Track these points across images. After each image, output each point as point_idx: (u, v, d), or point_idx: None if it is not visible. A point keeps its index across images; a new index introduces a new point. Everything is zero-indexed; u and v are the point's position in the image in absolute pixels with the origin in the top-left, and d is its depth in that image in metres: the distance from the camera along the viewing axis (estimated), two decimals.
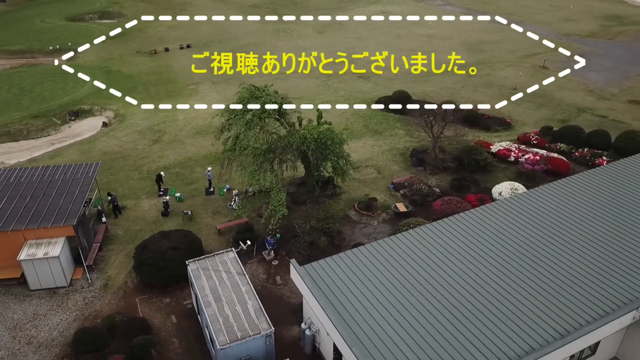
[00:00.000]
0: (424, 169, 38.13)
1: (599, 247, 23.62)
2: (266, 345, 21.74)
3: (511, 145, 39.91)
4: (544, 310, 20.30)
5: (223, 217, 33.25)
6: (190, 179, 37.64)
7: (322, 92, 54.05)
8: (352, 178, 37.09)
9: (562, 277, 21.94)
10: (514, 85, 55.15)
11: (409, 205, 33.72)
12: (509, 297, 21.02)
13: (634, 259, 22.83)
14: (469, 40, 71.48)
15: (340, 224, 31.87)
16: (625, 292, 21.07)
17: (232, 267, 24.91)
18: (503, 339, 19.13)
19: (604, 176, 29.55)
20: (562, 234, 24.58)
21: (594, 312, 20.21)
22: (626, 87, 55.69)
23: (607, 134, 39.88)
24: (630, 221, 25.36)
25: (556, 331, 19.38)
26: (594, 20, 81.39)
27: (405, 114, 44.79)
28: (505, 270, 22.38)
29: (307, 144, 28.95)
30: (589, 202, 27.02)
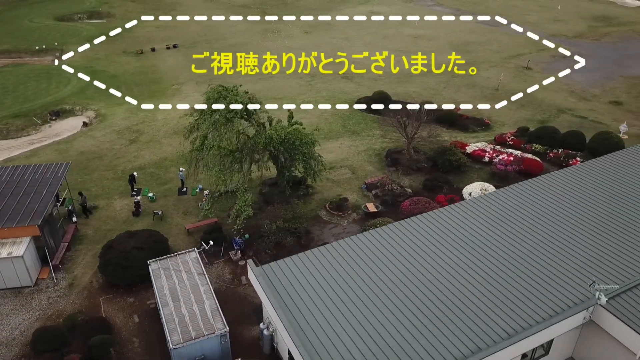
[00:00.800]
0: (398, 170, 38.18)
1: (556, 247, 23.68)
2: (221, 345, 21.83)
3: (486, 146, 40.00)
4: (495, 310, 20.35)
5: (194, 217, 33.32)
6: (164, 179, 37.73)
7: (304, 93, 54.13)
8: (326, 178, 37.28)
9: (516, 277, 22.00)
10: (496, 86, 55.26)
11: (379, 205, 33.81)
12: (462, 296, 21.09)
13: (587, 260, 22.91)
14: (455, 41, 71.57)
15: (309, 224, 32.01)
16: (577, 292, 21.13)
17: (193, 267, 25.01)
18: (451, 338, 19.18)
19: (570, 177, 29.62)
20: (521, 234, 24.65)
21: (544, 312, 20.27)
22: (608, 88, 55.80)
23: (581, 134, 39.98)
24: (590, 222, 25.43)
25: (504, 331, 19.42)
26: (582, 21, 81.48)
27: (381, 115, 44.80)
28: (461, 270, 22.46)
29: (273, 144, 29.00)
30: (552, 203, 27.09)
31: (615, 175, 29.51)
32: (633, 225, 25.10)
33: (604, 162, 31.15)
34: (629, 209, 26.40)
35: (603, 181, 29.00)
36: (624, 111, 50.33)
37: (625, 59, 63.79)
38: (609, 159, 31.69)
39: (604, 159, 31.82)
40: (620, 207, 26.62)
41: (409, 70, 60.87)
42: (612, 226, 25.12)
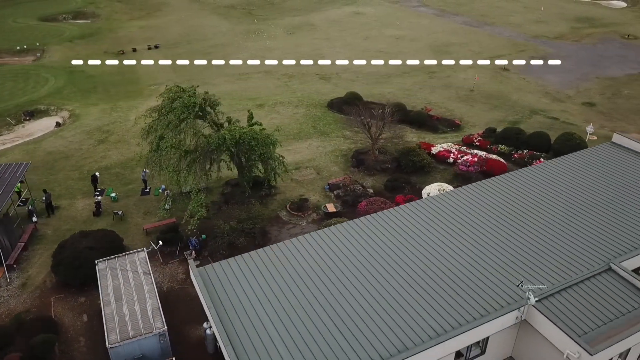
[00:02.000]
0: (360, 170, 38.36)
1: (496, 247, 23.91)
2: (160, 344, 21.98)
3: (452, 147, 40.17)
4: (427, 309, 20.59)
5: (155, 217, 33.46)
6: (129, 179, 37.88)
7: (280, 93, 54.26)
8: (290, 179, 37.53)
9: (453, 276, 22.23)
10: (471, 87, 55.44)
11: (338, 205, 33.97)
12: (397, 295, 21.31)
13: (525, 261, 23.14)
14: (436, 42, 71.77)
15: (268, 225, 32.19)
16: (512, 292, 21.32)
17: (140, 267, 25.16)
18: (380, 337, 19.41)
19: (522, 178, 29.84)
20: (463, 234, 24.87)
21: (476, 311, 20.48)
22: (583, 89, 55.99)
23: (547, 135, 40.15)
24: (532, 224, 25.64)
25: (434, 330, 19.65)
26: (565, 22, 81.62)
27: (347, 115, 44.96)
28: (399, 269, 22.67)
29: (226, 144, 29.14)
30: (499, 204, 27.30)
31: (565, 177, 29.72)
32: (573, 228, 25.31)
33: (557, 164, 31.36)
34: (573, 211, 26.62)
35: (553, 183, 29.22)
36: (596, 112, 50.54)
37: (603, 60, 63.98)
38: (563, 160, 31.90)
39: (559, 160, 32.05)
40: (565, 209, 26.84)
41: (387, 71, 62.02)
42: (553, 228, 25.34)
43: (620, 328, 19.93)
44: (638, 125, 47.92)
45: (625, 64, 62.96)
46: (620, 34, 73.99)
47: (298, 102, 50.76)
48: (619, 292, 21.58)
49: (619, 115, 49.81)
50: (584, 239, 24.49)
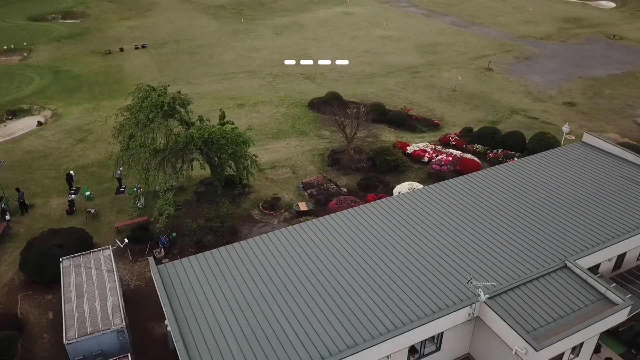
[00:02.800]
0: (337, 169, 38.60)
1: (453, 246, 24.12)
2: (119, 340, 22.20)
3: (427, 147, 40.41)
4: (380, 305, 20.80)
5: (128, 215, 33.68)
6: (105, 178, 38.09)
7: (262, 93, 54.46)
8: (265, 178, 37.80)
9: (409, 273, 22.44)
10: (454, 87, 55.68)
11: (310, 204, 34.20)
12: (352, 292, 21.50)
13: (480, 258, 23.36)
14: (423, 42, 72.00)
15: (240, 223, 32.48)
16: (466, 289, 21.52)
17: (104, 265, 25.38)
18: (331, 333, 19.60)
19: (488, 177, 30.06)
20: (424, 231, 25.09)
21: (428, 307, 20.68)
22: (565, 89, 56.22)
23: (522, 135, 40.41)
24: (491, 222, 25.86)
25: (384, 326, 19.85)
26: (552, 22, 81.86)
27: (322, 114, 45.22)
28: (357, 266, 22.89)
29: (194, 143, 29.36)
30: (463, 202, 27.52)
31: (531, 176, 29.94)
32: (533, 226, 25.53)
33: (525, 163, 31.58)
34: (535, 209, 26.85)
35: (519, 182, 29.42)
36: (577, 112, 50.79)
37: (588, 61, 64.21)
38: (532, 159, 32.13)
39: (528, 159, 32.28)
40: (527, 207, 27.06)
41: (372, 71, 62.26)
42: (514, 226, 25.55)
43: (571, 324, 20.14)
44: (617, 125, 48.19)
45: (609, 64, 63.21)
46: (607, 35, 74.22)
47: (279, 102, 50.98)
48: (572, 289, 21.79)
49: (599, 115, 50.05)
50: (543, 236, 24.71)
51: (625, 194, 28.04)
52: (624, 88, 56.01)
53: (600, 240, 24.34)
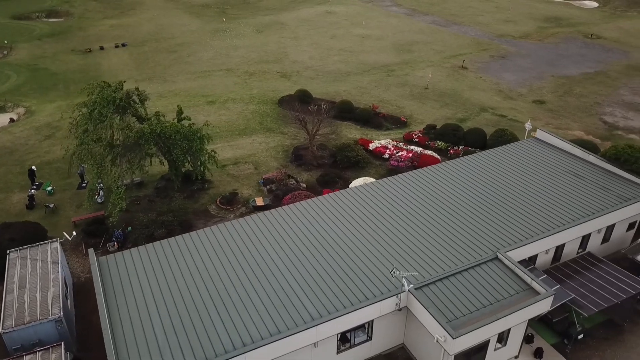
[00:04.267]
0: (299, 165, 39.07)
1: (389, 238, 24.65)
2: (58, 330, 22.62)
3: (389, 143, 40.90)
4: (309, 295, 21.33)
5: (86, 210, 34.12)
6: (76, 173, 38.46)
7: (235, 90, 54.88)
8: (227, 173, 38.25)
9: (343, 264, 22.99)
10: (426, 85, 56.16)
11: (267, 199, 34.67)
12: (283, 282, 22.13)
13: (415, 250, 23.90)
14: (401, 41, 72.47)
15: (194, 218, 32.87)
16: (394, 279, 22.01)
17: (50, 257, 25.81)
18: (257, 322, 20.13)
19: (438, 172, 30.59)
20: (364, 223, 25.62)
21: (355, 297, 21.19)
22: (536, 87, 56.74)
23: (483, 132, 40.91)
24: (430, 216, 26.41)
25: (309, 314, 20.37)
26: (533, 21, 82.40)
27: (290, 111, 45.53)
28: (293, 257, 23.50)
29: (145, 138, 29.80)
30: (406, 195, 28.06)
31: (480, 171, 30.47)
32: (471, 219, 26.09)
33: (476, 158, 32.13)
34: (476, 203, 27.40)
35: (466, 176, 29.96)
36: (545, 110, 51.31)
37: (561, 59, 64.74)
38: (484, 154, 32.68)
39: (479, 154, 32.83)
40: (468, 200, 27.61)
41: (348, 69, 62.73)
42: (453, 219, 26.11)
43: (494, 313, 20.62)
44: (583, 122, 48.72)
45: (583, 63, 63.76)
46: (584, 34, 74.77)
47: (250, 99, 51.43)
48: (500, 280, 22.30)
49: (566, 113, 50.58)
50: (480, 229, 25.26)
51: (568, 188, 28.58)
52: (594, 87, 56.55)
53: (535, 233, 24.85)
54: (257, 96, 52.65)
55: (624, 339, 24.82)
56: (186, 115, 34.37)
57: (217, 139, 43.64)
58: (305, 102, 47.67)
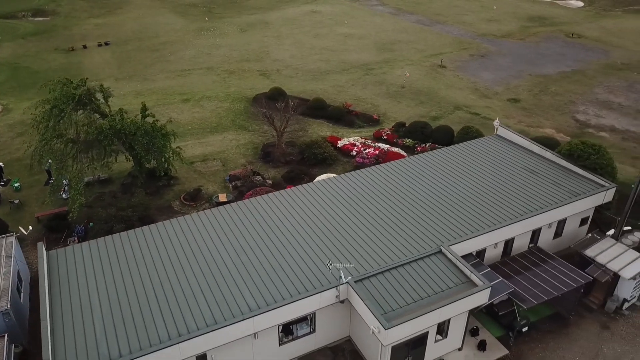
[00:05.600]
0: (267, 162, 39.40)
1: (335, 231, 24.97)
2: (6, 322, 22.93)
3: (357, 141, 41.23)
4: (250, 286, 21.66)
5: (52, 206, 34.42)
6: (38, 169, 38.69)
7: (213, 88, 55.16)
8: (194, 170, 38.57)
9: (288, 257, 23.30)
10: (403, 84, 56.48)
11: (230, 195, 34.98)
12: (227, 274, 22.36)
13: (359, 242, 24.27)
14: (383, 40, 72.77)
15: (157, 214, 33.18)
16: (329, 273, 22.32)
17: (4, 251, 26.12)
18: (194, 312, 20.43)
19: (398, 167, 30.93)
20: (316, 218, 25.96)
21: (295, 290, 21.49)
22: (512, 85, 57.06)
23: (450, 129, 41.23)
24: (384, 209, 26.76)
25: (248, 306, 20.67)
26: (516, 21, 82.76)
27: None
28: (241, 251, 23.78)
29: (104, 134, 30.10)
30: (359, 191, 28.38)
31: (437, 167, 30.79)
32: (420, 213, 26.41)
33: (436, 155, 32.44)
34: (427, 198, 27.70)
35: (423, 172, 30.26)
36: (519, 108, 51.64)
37: (541, 58, 65.07)
38: (444, 151, 32.99)
39: (440, 151, 33.13)
40: (421, 196, 27.91)
41: (327, 68, 63.06)
42: (401, 214, 26.42)
43: (432, 305, 20.91)
44: (555, 120, 49.05)
45: (561, 62, 64.08)
46: (566, 33, 75.11)
47: (225, 97, 51.74)
48: (441, 273, 22.61)
49: (540, 111, 50.91)
50: (428, 223, 25.59)
51: (522, 184, 28.88)
52: (570, 85, 56.88)
53: (481, 227, 25.16)
54: (233, 94, 52.96)
55: (568, 331, 25.18)
56: (150, 112, 34.65)
57: (188, 136, 44.12)
58: (276, 101, 47.98)
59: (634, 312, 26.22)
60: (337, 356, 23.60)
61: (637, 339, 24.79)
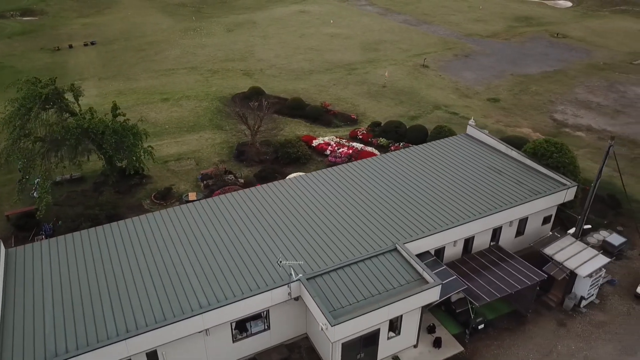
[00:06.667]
0: (242, 161, 39.60)
1: (291, 230, 25.15)
2: None
3: (332, 140, 41.42)
4: (203, 283, 21.83)
5: (23, 205, 34.57)
6: (11, 169, 38.85)
7: (194, 88, 55.34)
8: (167, 169, 38.76)
9: (244, 254, 23.47)
10: (384, 83, 56.68)
11: (200, 194, 35.15)
12: (181, 271, 22.55)
13: (317, 240, 24.43)
14: (368, 40, 72.94)
15: (127, 212, 33.32)
16: (283, 271, 22.49)
17: None
18: (145, 308, 20.56)
19: (366, 166, 31.10)
20: (276, 216, 26.17)
21: (247, 286, 21.67)
22: (493, 85, 57.24)
23: (424, 129, 41.43)
24: (346, 207, 26.92)
25: (198, 302, 20.84)
26: (503, 21, 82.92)
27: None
28: (196, 248, 23.90)
29: (71, 133, 30.25)
30: (323, 189, 28.57)
31: (403, 166, 30.97)
32: (381, 212, 26.58)
33: (404, 153, 32.65)
34: (390, 197, 27.89)
35: (389, 171, 30.45)
36: (498, 108, 51.81)
37: (525, 58, 65.25)
38: (412, 150, 33.18)
39: (409, 150, 33.32)
40: (382, 195, 28.09)
41: (311, 68, 63.24)
42: (361, 213, 26.60)
43: (380, 303, 21.07)
44: (533, 120, 49.24)
45: (544, 61, 64.26)
46: (551, 33, 75.30)
47: (204, 96, 51.93)
48: (393, 270, 22.76)
49: (519, 111, 51.10)
50: (385, 221, 25.80)
51: (485, 182, 29.07)
52: (550, 85, 57.07)
53: (439, 226, 25.34)
54: (213, 93, 53.14)
55: (525, 329, 25.37)
56: (122, 111, 34.79)
57: (164, 135, 44.33)
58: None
59: (592, 309, 26.42)
60: (293, 353, 23.78)
61: (592, 336, 25.00)
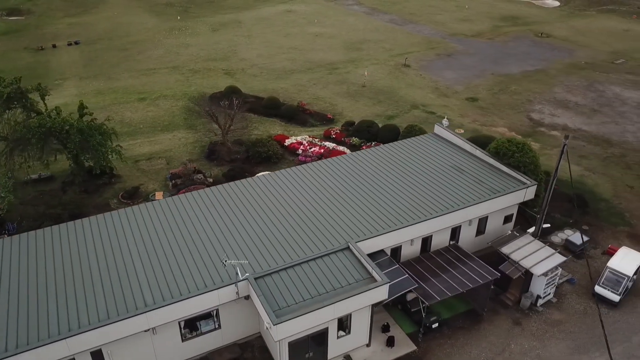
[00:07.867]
0: (212, 160, 39.61)
1: (238, 230, 25.21)
2: None
3: (305, 139, 41.43)
4: (151, 281, 21.81)
5: None
6: None
7: (173, 87, 55.30)
8: (137, 168, 38.74)
9: (194, 252, 23.48)
10: (363, 83, 56.68)
11: (167, 194, 35.14)
12: (131, 270, 22.49)
13: (264, 241, 24.42)
14: (352, 39, 72.93)
15: (93, 211, 33.21)
16: (232, 270, 22.47)
17: None
18: (90, 309, 20.56)
19: (328, 165, 31.11)
20: (233, 215, 26.19)
21: (195, 285, 21.67)
22: (473, 85, 57.24)
23: (396, 128, 41.44)
24: (298, 207, 26.93)
25: (144, 300, 20.83)
26: (489, 20, 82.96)
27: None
28: (148, 248, 23.90)
29: (32, 132, 30.23)
30: (283, 189, 28.57)
31: (369, 164, 31.01)
32: (335, 211, 26.58)
33: (372, 152, 32.71)
34: (346, 196, 27.91)
35: (352, 169, 30.45)
36: (475, 107, 51.83)
37: (507, 58, 65.28)
38: (379, 149, 33.23)
39: (377, 149, 33.37)
40: (337, 194, 28.10)
41: (293, 67, 63.26)
42: (314, 212, 26.61)
43: (325, 301, 21.04)
44: (509, 119, 49.28)
45: (526, 61, 64.32)
46: (536, 33, 75.35)
47: (182, 96, 51.90)
48: (343, 269, 22.75)
49: (496, 110, 51.13)
50: (341, 219, 25.87)
51: (446, 182, 29.07)
52: (530, 84, 57.10)
53: (394, 224, 25.34)
54: (191, 93, 53.10)
55: (480, 327, 25.39)
56: (88, 110, 34.79)
57: (138, 135, 44.32)
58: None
59: (549, 308, 26.45)
60: (245, 352, 23.78)
61: (546, 334, 25.01)
